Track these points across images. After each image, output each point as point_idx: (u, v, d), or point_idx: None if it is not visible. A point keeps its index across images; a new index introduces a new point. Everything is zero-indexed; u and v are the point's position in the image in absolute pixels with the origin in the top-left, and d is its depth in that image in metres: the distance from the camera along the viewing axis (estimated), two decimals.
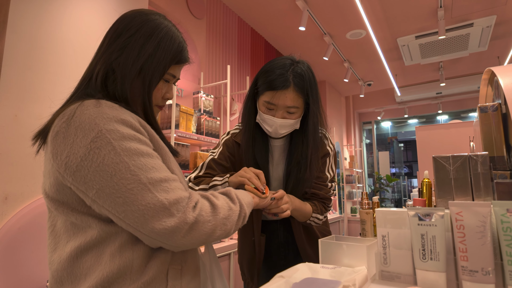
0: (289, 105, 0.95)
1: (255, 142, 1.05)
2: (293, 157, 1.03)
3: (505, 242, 0.52)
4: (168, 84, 0.76)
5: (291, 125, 0.99)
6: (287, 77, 0.94)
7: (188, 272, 0.66)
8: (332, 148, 1.12)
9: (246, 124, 1.06)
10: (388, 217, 0.65)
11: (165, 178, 0.59)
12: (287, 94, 0.94)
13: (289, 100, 0.95)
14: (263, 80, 0.97)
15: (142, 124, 0.65)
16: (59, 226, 0.64)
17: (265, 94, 0.97)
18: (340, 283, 0.56)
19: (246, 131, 1.06)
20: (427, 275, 0.58)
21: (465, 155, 0.72)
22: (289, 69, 0.95)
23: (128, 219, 0.56)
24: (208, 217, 0.60)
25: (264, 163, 1.05)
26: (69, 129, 0.58)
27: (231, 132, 1.15)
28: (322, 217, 1.06)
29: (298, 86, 0.95)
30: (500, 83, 0.72)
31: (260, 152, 1.05)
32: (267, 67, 0.99)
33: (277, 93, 0.94)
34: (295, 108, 0.96)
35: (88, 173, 0.56)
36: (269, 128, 1.00)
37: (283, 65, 0.96)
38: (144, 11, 0.73)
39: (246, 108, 1.06)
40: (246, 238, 1.14)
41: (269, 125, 0.99)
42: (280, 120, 0.97)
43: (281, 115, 0.97)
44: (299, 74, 0.95)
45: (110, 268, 0.57)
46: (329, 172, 1.10)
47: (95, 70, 0.69)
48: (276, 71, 0.95)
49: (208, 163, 1.07)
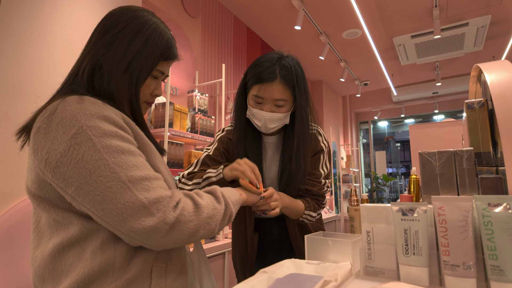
0: (277, 97, 0.96)
1: (246, 139, 1.05)
2: (285, 152, 1.03)
3: (486, 236, 0.52)
4: (157, 80, 0.76)
5: (280, 119, 0.99)
6: (273, 70, 0.95)
7: (174, 270, 0.66)
8: (326, 145, 1.12)
9: (237, 120, 1.06)
10: (372, 213, 0.65)
11: (146, 177, 0.58)
12: (274, 87, 0.95)
13: (277, 93, 0.95)
14: (251, 74, 0.98)
15: (126, 121, 0.64)
16: (42, 222, 0.64)
17: (253, 88, 0.98)
18: (322, 278, 0.56)
19: (237, 127, 1.06)
20: (410, 270, 0.58)
21: (451, 151, 0.72)
22: (276, 62, 0.97)
23: (107, 218, 0.55)
24: (190, 217, 0.59)
25: (257, 159, 1.05)
26: (51, 125, 0.57)
27: (225, 129, 1.15)
28: (315, 214, 1.06)
29: (285, 79, 0.95)
30: (486, 79, 0.72)
31: (251, 149, 1.05)
32: (255, 62, 1.00)
33: (264, 85, 0.95)
34: (283, 101, 0.97)
35: (67, 169, 0.55)
36: (258, 122, 1.00)
37: (270, 59, 0.97)
38: (132, 8, 0.72)
39: (237, 104, 1.06)
40: (239, 236, 1.14)
41: (258, 119, 0.99)
42: (268, 114, 0.97)
43: (269, 109, 0.97)
44: (285, 67, 0.96)
45: (91, 265, 0.56)
46: (323, 169, 1.10)
47: (82, 66, 0.68)
48: (264, 64, 0.97)
49: (203, 160, 1.07)
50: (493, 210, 0.52)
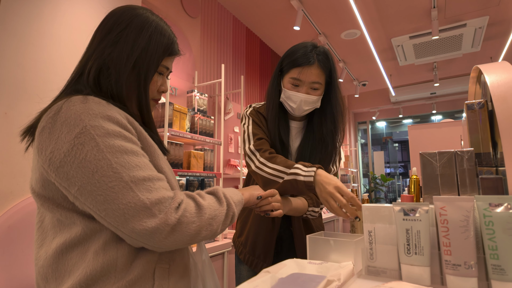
0: (314, 80, 1.03)
1: (280, 121, 1.12)
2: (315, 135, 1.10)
3: (487, 236, 0.53)
4: (163, 76, 0.76)
5: (314, 101, 1.06)
6: (311, 55, 1.03)
7: (177, 271, 0.66)
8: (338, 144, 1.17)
9: (271, 103, 1.13)
10: (374, 213, 0.66)
11: (148, 177, 0.58)
12: (312, 70, 1.03)
13: (314, 76, 1.03)
14: (288, 60, 1.06)
15: (130, 121, 0.64)
16: (46, 222, 0.64)
17: (291, 71, 1.05)
18: (325, 278, 0.56)
19: (272, 109, 1.12)
20: (411, 269, 0.59)
21: (452, 151, 0.72)
22: (312, 49, 1.05)
23: (109, 218, 0.55)
24: (192, 218, 0.59)
25: (287, 141, 1.12)
26: (55, 124, 0.58)
27: (253, 106, 1.21)
28: (318, 209, 1.08)
29: (323, 63, 1.04)
30: (486, 80, 0.72)
31: (283, 130, 1.12)
32: (290, 50, 1.08)
33: (303, 69, 1.03)
34: (318, 84, 1.05)
35: (70, 169, 0.55)
36: (294, 104, 1.06)
37: (305, 46, 1.06)
38: (132, 6, 0.73)
39: (272, 88, 1.13)
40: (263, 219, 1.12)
41: (294, 101, 1.06)
42: (304, 96, 1.04)
43: (305, 91, 1.05)
44: (322, 53, 1.05)
45: (93, 266, 0.57)
46: (333, 166, 1.14)
47: (87, 66, 0.68)
48: (300, 50, 1.05)
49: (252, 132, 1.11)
50: (494, 210, 0.53)
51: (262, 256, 1.10)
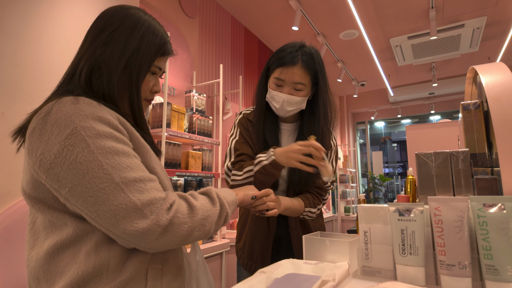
0: (296, 81, 1.01)
1: (265, 121, 1.10)
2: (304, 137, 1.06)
3: (481, 236, 0.53)
4: (155, 76, 0.76)
5: (298, 102, 1.04)
6: (295, 55, 1.01)
7: (170, 271, 0.65)
8: (334, 143, 1.16)
9: (258, 103, 1.11)
10: (370, 213, 0.66)
11: (140, 178, 0.58)
12: (294, 70, 1.00)
13: (297, 76, 1.01)
14: (274, 58, 1.04)
15: (122, 122, 0.64)
16: (38, 223, 0.64)
17: (275, 71, 1.03)
18: (320, 278, 0.56)
19: (257, 109, 1.11)
20: (406, 269, 0.59)
21: (447, 152, 0.72)
22: (298, 49, 1.02)
23: (100, 219, 0.55)
24: (184, 219, 0.59)
25: (274, 143, 1.09)
26: (46, 125, 0.57)
27: (243, 112, 1.20)
28: (315, 209, 1.08)
29: (306, 64, 1.01)
30: (482, 81, 0.73)
31: (270, 132, 1.10)
32: (279, 48, 1.06)
33: (285, 68, 1.01)
34: (301, 84, 1.02)
35: (61, 170, 0.55)
36: (277, 104, 1.04)
37: (293, 46, 1.04)
38: (124, 6, 0.72)
39: (259, 88, 1.11)
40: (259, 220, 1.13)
41: (277, 101, 1.04)
42: (287, 96, 1.02)
43: (288, 91, 1.02)
44: (307, 53, 1.02)
45: (85, 267, 0.56)
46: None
47: (79, 67, 0.68)
48: (286, 49, 1.03)
49: (234, 147, 1.11)
50: (488, 210, 0.53)
51: (260, 260, 1.11)
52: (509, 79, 0.69)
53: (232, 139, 1.13)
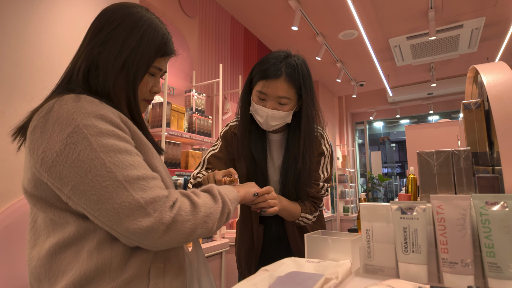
0: (280, 95, 0.95)
1: (251, 134, 1.05)
2: (290, 152, 1.03)
3: (483, 234, 0.53)
4: (155, 77, 0.75)
5: (282, 117, 0.99)
6: (279, 67, 0.94)
7: (172, 270, 0.65)
8: (328, 148, 1.11)
9: (242, 116, 1.06)
10: (372, 212, 0.66)
11: (143, 176, 0.58)
12: (278, 84, 0.94)
13: (280, 90, 0.95)
14: (257, 70, 0.98)
15: (124, 120, 0.64)
16: (39, 222, 0.63)
17: (258, 84, 0.98)
18: (323, 276, 0.56)
19: (242, 122, 1.07)
20: (409, 267, 0.59)
21: (449, 150, 0.73)
22: (282, 60, 0.96)
23: (103, 218, 0.54)
24: (187, 216, 0.59)
25: (260, 156, 1.05)
26: (47, 124, 0.57)
27: (229, 124, 1.16)
28: (311, 217, 1.06)
29: (290, 77, 0.95)
30: (483, 80, 0.73)
31: (255, 145, 1.05)
32: (262, 59, 1.00)
33: (268, 82, 0.95)
34: (286, 99, 0.96)
35: (63, 169, 0.55)
36: (260, 119, 1.00)
37: (277, 57, 0.97)
38: (126, 4, 0.71)
39: (242, 100, 1.06)
40: (245, 229, 1.14)
41: (260, 115, 0.99)
42: (270, 111, 0.97)
43: (272, 106, 0.97)
44: (291, 65, 0.96)
45: (87, 265, 0.56)
46: (323, 172, 1.09)
47: (77, 65, 0.67)
48: (270, 61, 0.96)
49: (208, 159, 1.08)
50: (490, 208, 0.53)
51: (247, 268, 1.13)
52: (510, 78, 0.70)
53: (211, 150, 1.11)
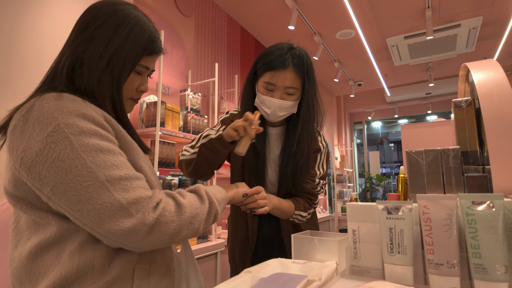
0: (288, 85, 0.97)
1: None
2: (289, 141, 1.04)
3: (470, 234, 0.52)
4: (142, 76, 0.73)
5: (289, 107, 1.01)
6: (286, 58, 0.97)
7: (158, 271, 0.64)
8: (324, 145, 1.12)
9: (245, 108, 1.07)
10: (358, 212, 0.65)
11: (125, 176, 0.57)
12: (286, 74, 0.97)
13: (288, 80, 0.97)
14: (262, 62, 1.00)
15: (107, 119, 0.62)
16: (22, 223, 0.62)
17: (265, 75, 0.99)
18: (306, 277, 0.55)
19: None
20: (394, 269, 0.58)
21: (438, 149, 0.71)
22: (288, 51, 0.99)
23: (84, 219, 0.53)
24: (171, 217, 0.58)
25: (262, 148, 1.06)
26: (27, 123, 0.55)
27: (230, 112, 1.16)
28: (305, 214, 1.06)
29: (297, 67, 0.98)
30: (473, 78, 0.72)
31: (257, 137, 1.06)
32: (265, 51, 1.02)
33: (277, 72, 0.97)
34: (293, 89, 0.99)
35: (42, 169, 0.53)
36: (268, 110, 1.00)
37: (281, 48, 0.99)
38: (113, 1, 0.70)
39: (245, 92, 1.07)
40: (238, 222, 1.13)
41: (268, 106, 1.00)
42: (279, 101, 0.98)
43: (279, 96, 0.99)
44: (297, 56, 0.99)
45: (68, 267, 0.55)
46: (319, 169, 1.09)
47: (61, 63, 0.66)
48: (275, 52, 0.98)
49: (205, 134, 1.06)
50: (476, 208, 0.52)
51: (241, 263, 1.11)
52: (500, 76, 0.68)
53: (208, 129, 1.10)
